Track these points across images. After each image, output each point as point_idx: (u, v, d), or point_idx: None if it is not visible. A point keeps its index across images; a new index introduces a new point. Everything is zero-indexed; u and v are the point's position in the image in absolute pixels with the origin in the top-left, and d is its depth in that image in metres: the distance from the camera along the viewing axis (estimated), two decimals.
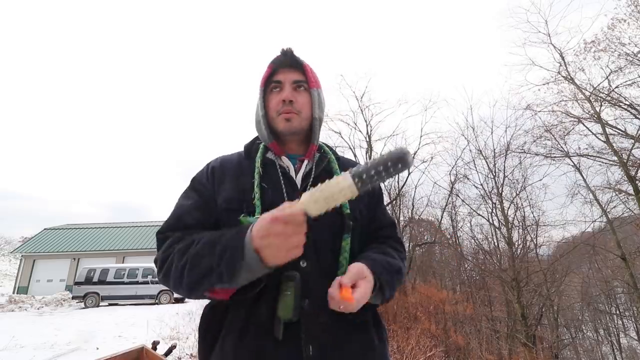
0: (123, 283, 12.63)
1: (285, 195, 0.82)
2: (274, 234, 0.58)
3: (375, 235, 0.92)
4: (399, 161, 0.58)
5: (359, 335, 0.78)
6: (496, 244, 15.17)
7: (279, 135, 0.89)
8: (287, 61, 0.90)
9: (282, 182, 0.84)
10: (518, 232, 13.77)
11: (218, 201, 0.82)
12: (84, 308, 12.09)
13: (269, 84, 0.90)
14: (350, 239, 0.80)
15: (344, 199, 0.60)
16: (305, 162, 0.89)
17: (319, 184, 0.61)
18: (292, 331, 0.69)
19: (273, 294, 0.71)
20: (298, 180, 0.86)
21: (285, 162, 0.88)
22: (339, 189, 0.59)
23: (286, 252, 0.60)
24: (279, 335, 0.68)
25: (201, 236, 0.71)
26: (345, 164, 0.96)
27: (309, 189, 0.80)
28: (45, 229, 24.79)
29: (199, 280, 0.66)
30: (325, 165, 0.90)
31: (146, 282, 12.60)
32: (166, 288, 14.03)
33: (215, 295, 0.72)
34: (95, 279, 12.54)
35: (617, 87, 10.54)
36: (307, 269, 0.74)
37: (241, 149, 0.96)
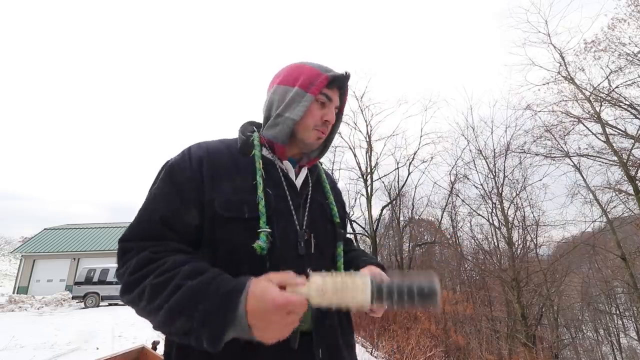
0: None
1: (290, 201, 0.79)
2: (274, 321, 0.54)
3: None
4: (427, 297, 0.54)
5: (349, 337, 0.83)
6: (496, 244, 15.18)
7: (298, 142, 0.85)
8: (341, 84, 0.87)
9: (285, 186, 0.80)
10: (518, 232, 13.78)
11: (212, 204, 0.72)
12: (84, 308, 12.09)
13: (320, 94, 0.83)
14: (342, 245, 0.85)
15: (353, 305, 0.55)
16: (304, 168, 0.89)
17: (333, 274, 0.57)
18: (304, 337, 0.69)
19: None
20: (298, 185, 0.84)
21: (286, 164, 0.85)
22: (352, 295, 0.55)
23: (279, 336, 0.56)
24: (295, 345, 0.67)
25: (178, 272, 0.61)
26: (328, 176, 0.99)
27: (309, 197, 0.84)
28: (45, 229, 24.79)
29: (172, 334, 0.60)
30: (317, 174, 0.92)
31: None
32: None
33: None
34: (95, 279, 12.54)
35: (617, 87, 10.55)
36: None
37: (224, 136, 0.90)
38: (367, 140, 17.03)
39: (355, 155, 17.08)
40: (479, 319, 15.87)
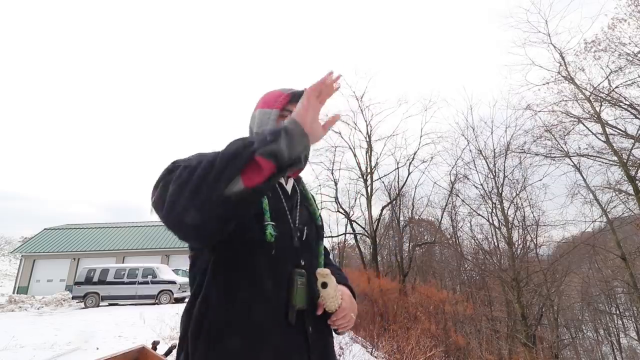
0: (123, 283, 12.62)
1: (284, 203, 0.94)
2: (310, 105, 0.67)
3: None
4: None
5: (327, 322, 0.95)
6: (496, 244, 15.19)
7: None
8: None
9: (280, 191, 0.95)
10: (518, 232, 13.79)
11: None
12: (84, 308, 12.08)
13: (283, 110, 0.97)
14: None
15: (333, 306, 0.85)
16: (291, 179, 1.03)
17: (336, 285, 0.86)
18: (298, 315, 0.82)
19: (282, 286, 0.82)
20: (288, 191, 1.00)
21: None
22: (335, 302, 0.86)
23: (314, 115, 0.68)
24: (293, 320, 0.80)
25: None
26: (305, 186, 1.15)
27: (298, 201, 0.99)
28: (45, 229, 24.81)
29: (235, 154, 0.59)
30: (302, 185, 1.08)
31: (146, 282, 12.58)
32: (166, 288, 13.69)
33: (245, 182, 0.60)
34: (95, 279, 12.53)
35: (617, 87, 10.56)
36: (305, 266, 0.88)
37: None
38: (367, 140, 17.04)
39: (355, 155, 17.09)
40: (479, 319, 15.89)
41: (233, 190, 0.59)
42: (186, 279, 14.16)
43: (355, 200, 17.68)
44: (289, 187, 1.00)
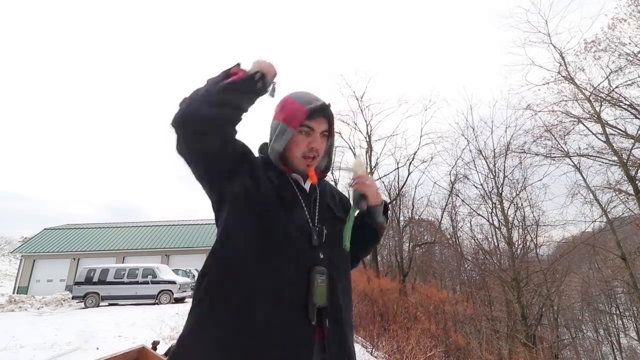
0: (123, 283, 12.62)
1: (302, 202, 0.94)
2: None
3: None
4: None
5: (350, 316, 0.95)
6: (496, 244, 15.20)
7: (291, 167, 0.99)
8: (323, 113, 0.99)
9: (297, 190, 0.96)
10: (518, 232, 13.80)
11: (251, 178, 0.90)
12: (84, 308, 12.08)
13: (301, 125, 0.96)
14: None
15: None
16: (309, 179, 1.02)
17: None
18: (318, 312, 0.82)
19: (303, 283, 0.82)
20: (307, 189, 1.00)
21: (295, 175, 1.00)
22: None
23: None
24: (313, 318, 0.80)
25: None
26: (331, 187, 1.16)
27: (317, 199, 0.99)
28: (45, 229, 24.80)
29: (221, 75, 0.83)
30: (325, 183, 1.08)
31: (146, 282, 12.58)
32: (166, 288, 13.67)
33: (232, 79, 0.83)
34: (95, 279, 12.52)
35: (617, 87, 10.56)
36: (324, 260, 0.88)
37: None
38: (367, 140, 17.04)
39: (355, 155, 17.07)
40: (479, 319, 15.89)
41: (225, 82, 0.81)
42: (186, 279, 14.17)
43: None
44: (307, 185, 1.01)
